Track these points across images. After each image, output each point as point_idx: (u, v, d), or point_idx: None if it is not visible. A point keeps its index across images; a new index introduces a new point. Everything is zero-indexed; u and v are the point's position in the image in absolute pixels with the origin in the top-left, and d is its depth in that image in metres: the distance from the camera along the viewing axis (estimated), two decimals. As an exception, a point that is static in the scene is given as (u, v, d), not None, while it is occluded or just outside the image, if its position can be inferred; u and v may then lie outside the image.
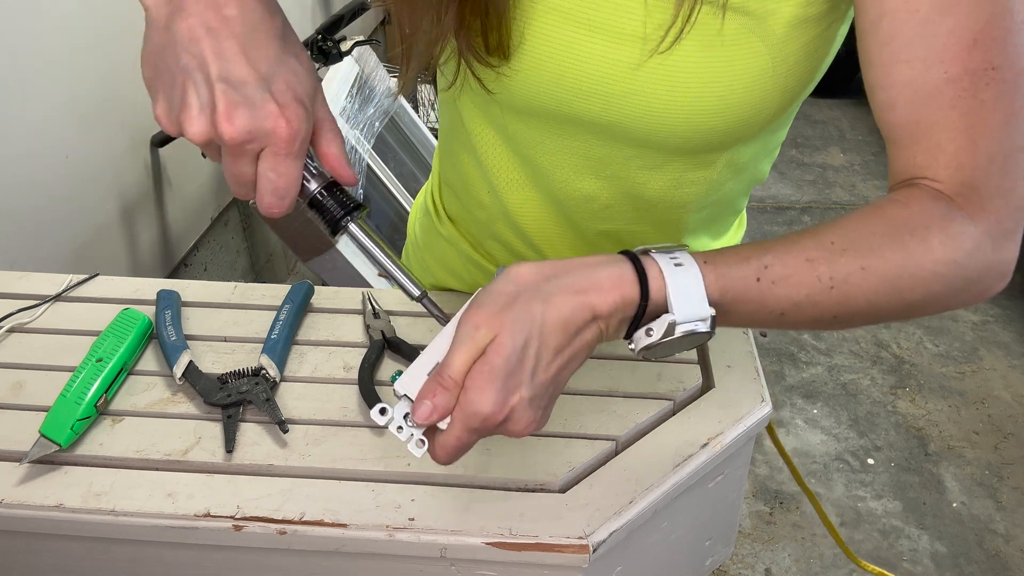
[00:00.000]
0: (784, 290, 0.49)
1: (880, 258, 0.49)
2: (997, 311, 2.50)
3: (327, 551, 0.59)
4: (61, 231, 1.56)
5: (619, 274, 0.48)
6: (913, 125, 0.51)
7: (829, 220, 0.53)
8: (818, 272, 0.49)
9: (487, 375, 0.46)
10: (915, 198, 0.51)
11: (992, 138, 0.50)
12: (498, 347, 0.46)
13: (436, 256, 0.87)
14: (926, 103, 0.50)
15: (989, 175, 0.50)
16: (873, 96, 0.53)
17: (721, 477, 0.68)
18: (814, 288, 0.49)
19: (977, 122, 0.50)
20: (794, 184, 3.21)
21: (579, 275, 0.48)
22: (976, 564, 1.75)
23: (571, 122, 0.62)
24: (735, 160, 0.65)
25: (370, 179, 2.13)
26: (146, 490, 0.61)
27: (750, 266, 0.49)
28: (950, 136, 0.50)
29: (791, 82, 0.57)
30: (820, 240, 0.50)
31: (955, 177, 0.51)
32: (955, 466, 1.99)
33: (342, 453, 0.64)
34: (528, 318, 0.46)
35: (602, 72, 0.57)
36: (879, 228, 0.50)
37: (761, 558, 1.77)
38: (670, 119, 0.58)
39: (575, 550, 0.57)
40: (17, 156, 1.42)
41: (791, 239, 0.51)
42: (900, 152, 0.53)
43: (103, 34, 1.65)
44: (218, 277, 2.20)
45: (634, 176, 0.66)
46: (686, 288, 0.48)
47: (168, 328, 0.75)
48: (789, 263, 0.49)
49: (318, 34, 2.14)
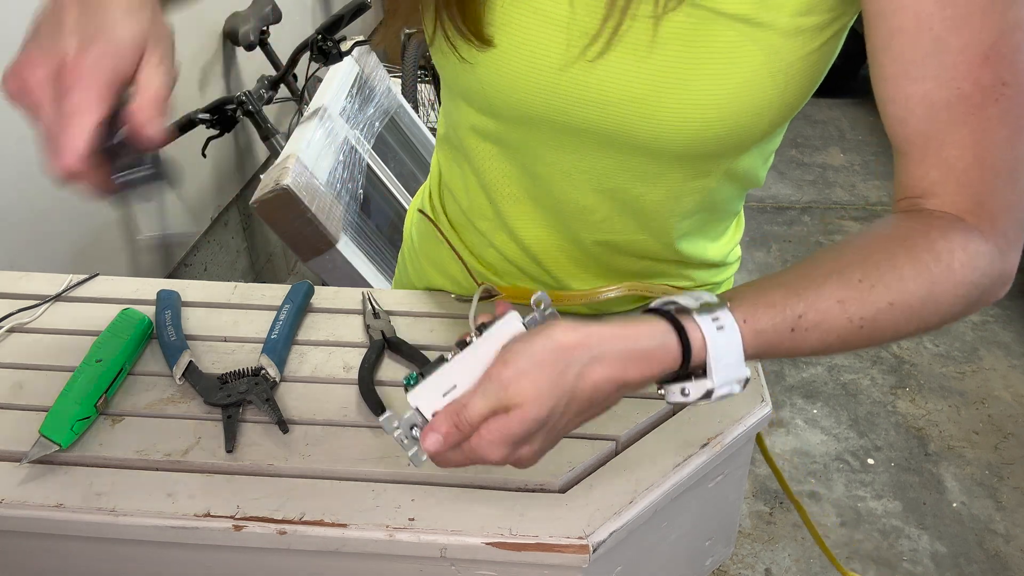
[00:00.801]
0: (817, 335, 0.50)
1: (907, 292, 0.50)
2: (997, 311, 2.50)
3: (327, 551, 0.59)
4: (61, 231, 1.56)
5: (662, 347, 0.49)
6: (924, 140, 0.52)
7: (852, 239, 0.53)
8: (849, 314, 0.50)
9: (504, 435, 0.47)
10: (935, 220, 0.52)
11: (998, 154, 0.51)
12: (522, 415, 0.47)
13: (433, 261, 0.86)
14: (937, 119, 0.51)
15: (995, 190, 0.52)
16: (885, 109, 0.54)
17: (721, 477, 0.68)
18: (845, 329, 0.50)
19: (984, 138, 0.51)
20: (794, 184, 3.21)
21: (620, 347, 0.48)
22: (976, 564, 1.75)
23: (570, 132, 0.62)
24: (733, 169, 0.65)
25: (370, 179, 2.13)
26: (146, 490, 0.61)
27: (785, 318, 0.50)
28: (959, 153, 0.51)
29: (791, 90, 0.57)
30: (849, 278, 0.50)
31: (964, 193, 0.52)
32: (955, 466, 1.99)
33: (342, 453, 0.64)
34: (559, 392, 0.47)
35: (597, 79, 0.57)
36: (904, 259, 0.51)
37: (761, 558, 1.77)
38: (670, 125, 0.57)
39: (575, 550, 0.57)
40: (17, 156, 1.42)
41: (819, 277, 0.51)
42: (911, 167, 0.53)
43: (103, 34, 1.65)
44: (218, 277, 2.20)
45: (633, 188, 0.65)
46: (727, 354, 0.49)
47: (168, 328, 0.75)
48: (821, 308, 0.50)
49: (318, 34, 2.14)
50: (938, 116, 0.51)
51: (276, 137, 2.02)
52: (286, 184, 1.61)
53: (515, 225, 0.73)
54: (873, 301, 0.50)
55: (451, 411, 0.48)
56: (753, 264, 2.72)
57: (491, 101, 0.63)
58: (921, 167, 0.53)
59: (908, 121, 0.52)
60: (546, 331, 0.48)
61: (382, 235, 2.04)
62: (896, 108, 0.53)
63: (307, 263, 1.76)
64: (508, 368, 0.47)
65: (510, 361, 0.48)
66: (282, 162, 1.73)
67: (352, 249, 1.80)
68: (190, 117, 1.86)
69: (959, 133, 0.51)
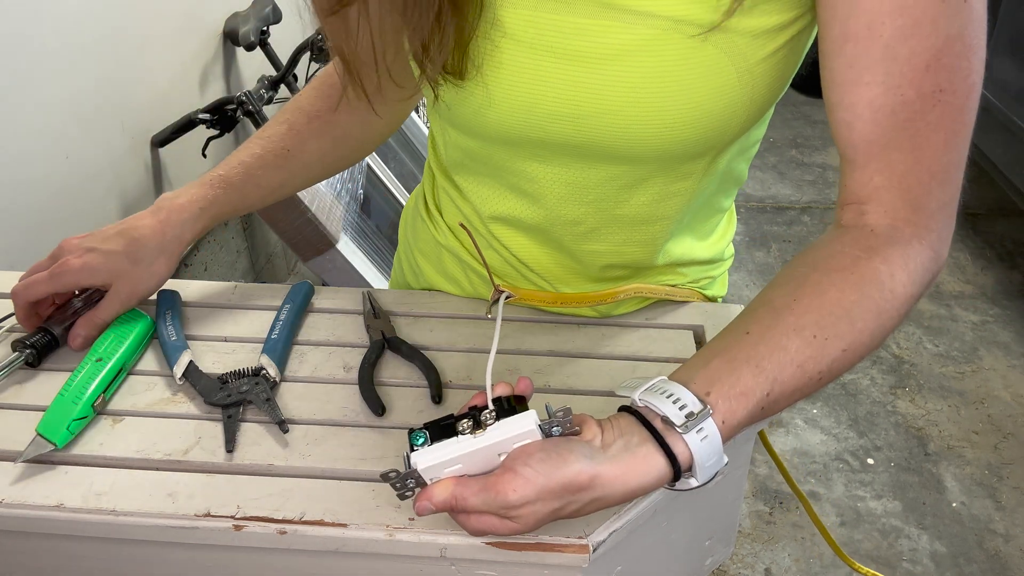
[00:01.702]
0: (781, 403, 0.53)
1: (857, 333, 0.53)
2: (997, 311, 2.50)
3: (327, 551, 0.59)
4: (61, 231, 1.56)
5: (657, 478, 0.51)
6: (868, 145, 0.54)
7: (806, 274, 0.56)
8: (809, 374, 0.53)
9: (493, 530, 0.51)
10: (878, 243, 0.55)
11: (935, 157, 0.54)
12: (513, 528, 0.51)
13: (433, 263, 0.86)
14: (882, 124, 0.54)
15: (931, 191, 0.55)
16: (834, 114, 0.56)
17: (721, 477, 0.68)
18: (805, 386, 0.54)
19: (923, 143, 0.54)
20: (794, 184, 3.21)
21: (621, 489, 0.51)
22: (976, 564, 1.75)
23: (548, 147, 0.64)
24: (713, 168, 0.66)
25: (370, 179, 2.13)
26: (146, 490, 0.61)
27: (757, 401, 0.52)
28: (901, 157, 0.54)
29: (759, 90, 0.58)
30: (805, 336, 0.53)
31: (905, 198, 0.55)
32: (955, 466, 1.99)
33: (342, 453, 0.64)
34: (553, 517, 0.51)
35: (569, 95, 0.59)
36: (854, 298, 0.53)
37: (761, 558, 1.77)
38: (642, 133, 0.59)
39: (575, 550, 0.57)
40: (17, 156, 1.42)
41: (781, 339, 0.53)
42: (856, 172, 0.56)
43: (103, 34, 1.65)
44: (218, 277, 2.20)
45: (616, 196, 0.67)
46: (709, 456, 0.52)
47: (168, 328, 0.75)
48: (785, 379, 0.52)
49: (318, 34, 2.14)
50: (883, 122, 0.53)
51: (276, 137, 2.01)
52: (286, 184, 1.60)
53: (505, 240, 0.75)
54: (828, 354, 0.53)
55: (452, 497, 0.52)
56: (753, 264, 2.72)
57: (469, 122, 0.64)
58: (866, 172, 0.55)
59: (855, 126, 0.54)
60: (563, 462, 0.50)
61: (382, 235, 2.04)
62: (844, 113, 0.55)
63: (307, 263, 1.76)
64: (515, 493, 0.49)
65: (519, 488, 0.50)
66: (282, 162, 1.72)
67: (352, 249, 1.80)
68: (190, 117, 1.86)
69: (901, 138, 0.53)
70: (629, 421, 0.53)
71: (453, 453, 0.52)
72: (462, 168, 0.73)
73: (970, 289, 2.60)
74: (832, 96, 0.55)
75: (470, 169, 0.72)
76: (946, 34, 0.51)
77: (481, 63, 0.60)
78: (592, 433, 0.52)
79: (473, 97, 0.62)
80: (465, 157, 0.71)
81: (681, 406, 0.51)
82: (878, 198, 0.56)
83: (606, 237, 0.71)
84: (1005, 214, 2.97)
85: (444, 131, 0.71)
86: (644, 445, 0.51)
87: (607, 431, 0.53)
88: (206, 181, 0.77)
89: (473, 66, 0.60)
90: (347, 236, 1.79)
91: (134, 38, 1.76)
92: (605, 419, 0.54)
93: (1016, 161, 2.45)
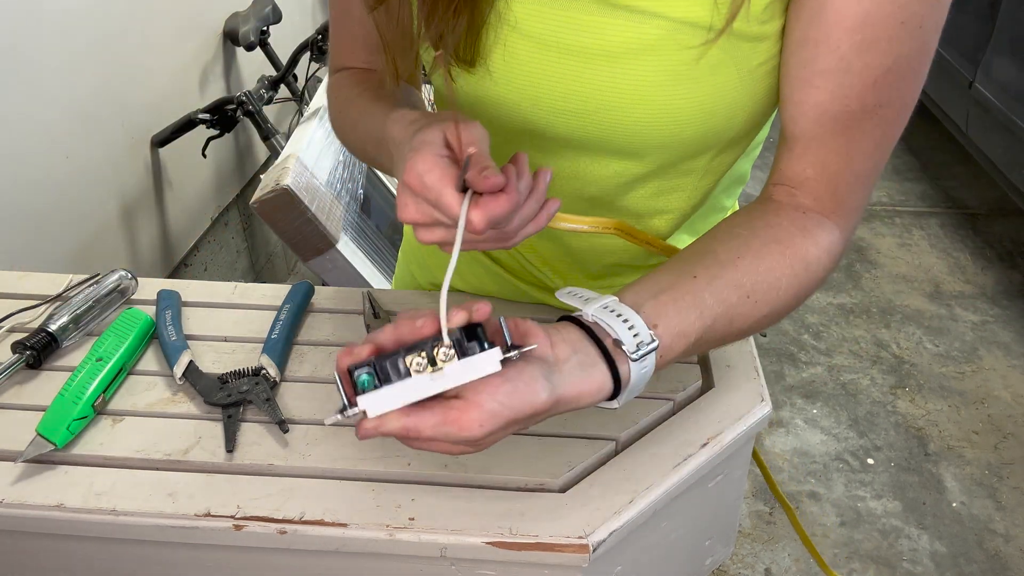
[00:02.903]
0: (703, 347, 0.58)
1: (781, 303, 0.58)
2: (997, 311, 2.50)
3: (327, 551, 0.60)
4: (61, 231, 1.56)
5: (602, 397, 0.53)
6: (807, 141, 0.59)
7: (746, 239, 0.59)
8: (736, 328, 0.58)
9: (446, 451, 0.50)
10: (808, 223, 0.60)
11: (862, 162, 0.59)
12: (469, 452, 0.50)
13: (439, 259, 0.86)
14: (823, 126, 0.58)
15: (853, 191, 0.60)
16: (783, 106, 0.60)
17: (721, 477, 0.68)
18: (726, 338, 0.58)
19: (855, 148, 0.58)
20: (794, 184, 3.22)
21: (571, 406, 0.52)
22: (976, 564, 1.75)
23: (553, 140, 0.64)
24: (714, 166, 0.67)
25: (370, 179, 2.13)
26: (146, 490, 0.61)
27: (690, 344, 0.55)
28: (834, 159, 0.59)
29: (760, 92, 0.60)
30: (741, 294, 0.57)
31: (830, 193, 0.60)
32: (955, 466, 1.99)
33: (342, 453, 0.64)
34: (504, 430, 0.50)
35: (575, 91, 0.60)
36: (787, 271, 0.58)
37: (761, 558, 1.77)
38: (645, 130, 0.60)
39: (575, 550, 0.57)
40: (17, 156, 1.42)
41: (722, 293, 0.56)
42: (792, 160, 0.60)
43: (103, 34, 1.65)
44: (218, 277, 2.20)
45: (617, 190, 0.68)
46: (637, 387, 0.54)
47: (168, 328, 0.75)
48: (717, 330, 0.56)
49: (318, 34, 2.14)
50: (824, 124, 0.58)
51: (276, 137, 2.02)
52: (286, 184, 1.61)
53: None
54: (756, 314, 0.58)
55: (404, 429, 0.48)
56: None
57: (476, 114, 0.65)
58: (800, 163, 0.60)
59: (799, 121, 0.58)
60: (530, 393, 0.49)
61: (382, 235, 2.04)
62: (792, 107, 0.59)
63: (307, 263, 1.76)
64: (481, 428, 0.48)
65: (485, 422, 0.48)
66: (282, 162, 1.73)
67: (352, 249, 1.80)
68: (190, 117, 1.87)
69: (837, 142, 0.58)
70: (579, 336, 0.53)
71: (407, 398, 0.47)
72: None
73: (970, 289, 2.60)
74: (784, 88, 0.59)
75: None
76: (897, 54, 0.54)
77: (489, 53, 0.61)
78: (544, 348, 0.51)
79: (480, 88, 0.63)
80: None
81: (635, 334, 0.53)
82: (809, 187, 0.60)
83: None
84: (1005, 214, 2.97)
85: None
86: (597, 366, 0.52)
87: (558, 345, 0.52)
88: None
89: (482, 56, 0.61)
90: (347, 236, 1.79)
91: (134, 38, 1.76)
92: (552, 328, 0.54)
93: (1016, 161, 2.45)
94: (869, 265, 2.72)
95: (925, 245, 2.82)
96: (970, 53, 2.64)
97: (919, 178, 3.24)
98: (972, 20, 2.64)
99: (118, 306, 0.79)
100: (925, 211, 3.02)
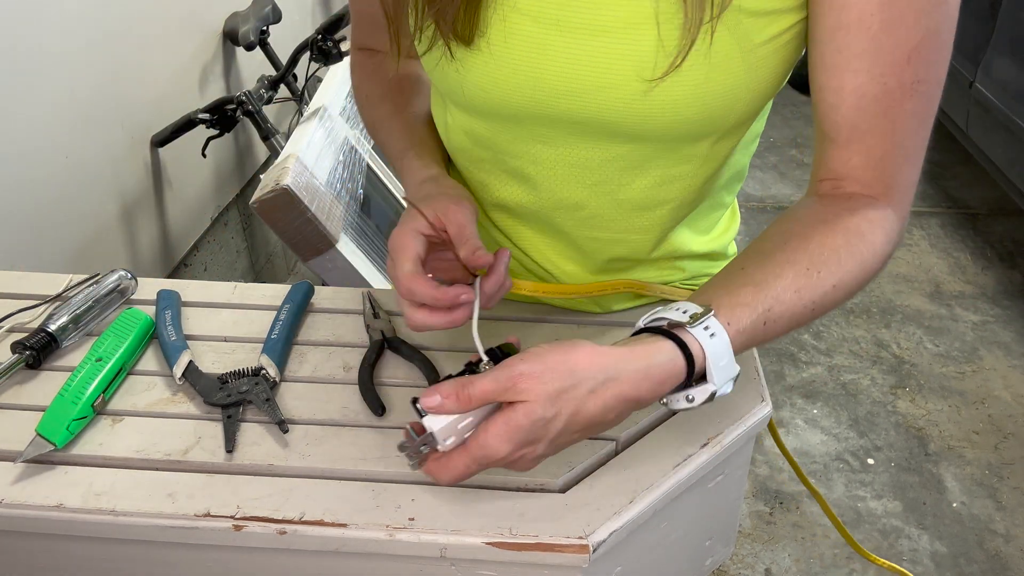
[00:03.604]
0: (782, 323, 0.57)
1: (845, 272, 0.58)
2: (997, 311, 2.50)
3: (327, 551, 0.59)
4: (61, 231, 1.56)
5: (671, 362, 0.53)
6: (851, 129, 0.59)
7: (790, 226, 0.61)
8: (804, 301, 0.57)
9: (510, 430, 0.51)
10: (857, 205, 0.60)
11: (908, 142, 0.60)
12: (528, 410, 0.50)
13: None
14: (865, 110, 0.58)
15: (902, 172, 0.61)
16: (820, 96, 0.60)
17: (721, 477, 0.68)
18: (801, 313, 0.58)
19: (900, 128, 0.59)
20: (794, 184, 3.21)
21: (634, 367, 0.52)
22: (976, 564, 1.75)
23: (552, 124, 0.64)
24: (714, 154, 0.67)
25: (370, 179, 2.13)
26: (146, 490, 0.61)
27: (759, 315, 0.56)
28: (878, 142, 0.59)
29: (760, 73, 0.60)
30: (799, 268, 0.57)
31: (880, 178, 0.60)
32: (955, 466, 1.99)
33: (342, 453, 0.64)
34: (566, 401, 0.51)
35: (573, 70, 0.60)
36: (841, 242, 0.58)
37: (761, 558, 1.77)
38: (645, 109, 0.60)
39: (575, 550, 0.57)
40: (17, 156, 1.42)
41: (776, 269, 0.57)
42: (837, 151, 0.61)
43: (103, 34, 1.65)
44: (218, 277, 2.20)
45: (619, 179, 0.67)
46: (721, 356, 0.54)
47: (168, 328, 0.75)
48: (784, 300, 0.56)
49: (318, 34, 2.14)
50: (866, 107, 0.58)
51: (276, 137, 2.02)
52: (286, 184, 1.61)
53: (505, 227, 0.76)
54: (820, 286, 0.57)
55: (457, 382, 0.52)
56: (753, 264, 2.72)
57: (474, 98, 0.65)
58: (846, 152, 0.60)
59: (840, 109, 0.59)
60: (566, 347, 0.52)
61: (382, 235, 2.04)
62: (831, 95, 0.59)
63: (307, 263, 1.76)
64: (523, 364, 0.51)
65: (527, 360, 0.51)
66: (282, 162, 1.73)
67: (352, 249, 1.80)
68: (190, 117, 1.86)
69: (880, 123, 0.58)
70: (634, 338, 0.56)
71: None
72: (465, 155, 0.73)
73: (970, 289, 2.60)
74: (820, 78, 0.59)
75: (473, 156, 0.72)
76: (925, 28, 0.55)
77: (488, 31, 0.61)
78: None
79: (480, 73, 0.63)
80: (468, 142, 0.71)
81: (684, 311, 0.55)
82: (856, 176, 0.61)
83: (607, 223, 0.72)
84: (1005, 214, 2.97)
85: (448, 115, 0.72)
86: (656, 340, 0.54)
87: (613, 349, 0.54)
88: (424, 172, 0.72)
89: (481, 31, 0.61)
90: (347, 236, 1.79)
91: (134, 38, 1.75)
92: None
93: (1016, 161, 2.45)
94: (869, 265, 2.72)
95: (925, 245, 2.82)
96: (970, 53, 2.64)
97: (919, 178, 3.24)
98: (972, 20, 2.64)
99: (118, 306, 0.79)
100: (925, 211, 3.02)
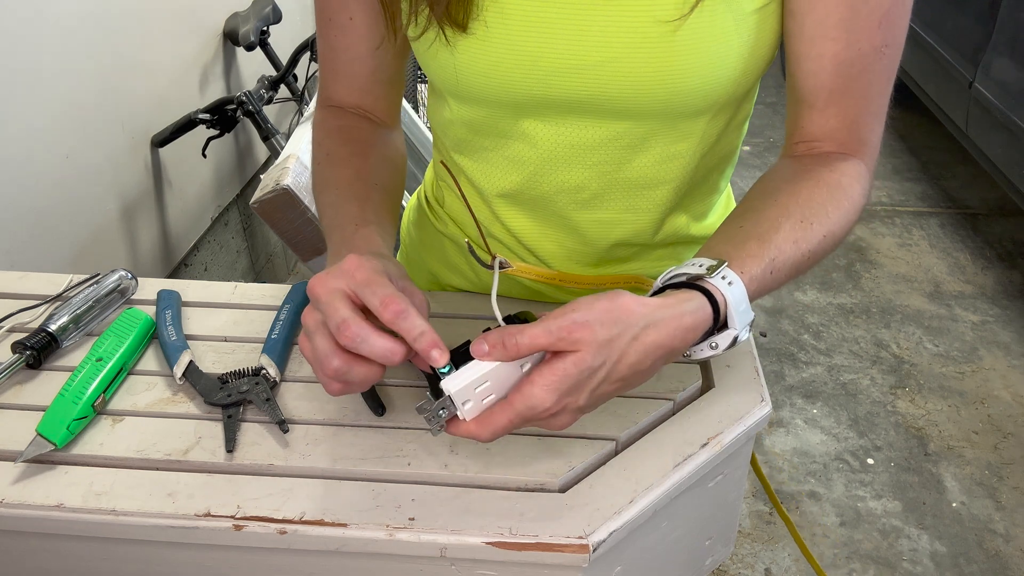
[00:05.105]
0: (784, 272, 0.60)
1: (833, 223, 0.62)
2: (997, 311, 2.50)
3: (327, 551, 0.60)
4: (61, 231, 1.56)
5: (701, 309, 0.55)
6: (830, 92, 0.63)
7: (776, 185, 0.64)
8: (801, 250, 0.60)
9: (558, 379, 0.50)
10: (835, 162, 0.64)
11: (878, 101, 0.65)
12: (578, 360, 0.50)
13: (437, 255, 0.87)
14: (841, 74, 0.62)
15: (873, 129, 0.66)
16: (798, 64, 0.64)
17: (721, 477, 0.68)
18: (799, 262, 0.61)
19: (871, 90, 0.64)
20: (794, 184, 3.22)
21: (670, 313, 0.53)
22: (976, 564, 1.75)
23: (552, 105, 0.65)
24: (711, 130, 0.68)
25: (370, 179, 2.13)
26: (146, 490, 0.61)
27: (765, 264, 0.58)
28: (853, 103, 0.64)
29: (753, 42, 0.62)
30: (793, 220, 0.60)
31: (854, 136, 0.65)
32: (955, 466, 1.99)
33: (342, 453, 0.64)
34: (613, 348, 0.51)
35: (573, 47, 0.61)
36: (826, 196, 0.62)
37: (761, 558, 1.77)
38: (645, 83, 0.61)
39: (575, 550, 0.57)
40: (17, 156, 1.42)
41: (774, 222, 0.60)
42: (814, 115, 0.65)
43: (103, 34, 1.65)
44: (218, 277, 2.20)
45: (619, 158, 0.68)
46: (740, 302, 0.56)
47: (168, 328, 0.75)
48: (785, 249, 0.59)
49: (318, 34, 2.13)
50: (843, 73, 0.62)
51: (276, 137, 2.02)
52: (286, 184, 1.61)
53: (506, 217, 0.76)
54: (814, 236, 0.61)
55: (504, 330, 0.51)
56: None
57: (472, 85, 0.65)
58: (823, 116, 0.65)
59: (819, 75, 0.63)
60: (611, 295, 0.52)
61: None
62: (810, 63, 0.63)
63: (307, 263, 1.76)
64: (575, 314, 0.51)
65: (579, 309, 0.51)
66: (282, 162, 1.73)
67: (352, 249, 1.79)
68: (190, 117, 1.87)
69: (855, 87, 0.63)
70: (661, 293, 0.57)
71: (481, 370, 0.53)
72: (465, 146, 0.73)
73: (970, 289, 2.60)
74: (798, 47, 0.63)
75: (473, 145, 0.72)
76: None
77: (481, 13, 0.61)
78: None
79: (477, 58, 0.63)
80: (468, 132, 0.71)
81: (700, 264, 0.57)
82: (832, 136, 0.65)
83: (608, 204, 0.72)
84: (1005, 214, 2.97)
85: (446, 110, 0.72)
86: (681, 291, 0.56)
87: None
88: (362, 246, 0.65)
89: (474, 16, 0.61)
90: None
91: (134, 38, 1.76)
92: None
93: (1016, 161, 2.45)
94: (869, 265, 2.72)
95: (925, 245, 2.82)
96: (970, 53, 2.64)
97: (919, 178, 3.24)
98: (972, 20, 2.64)
99: (118, 306, 0.79)
100: (925, 211, 3.02)
